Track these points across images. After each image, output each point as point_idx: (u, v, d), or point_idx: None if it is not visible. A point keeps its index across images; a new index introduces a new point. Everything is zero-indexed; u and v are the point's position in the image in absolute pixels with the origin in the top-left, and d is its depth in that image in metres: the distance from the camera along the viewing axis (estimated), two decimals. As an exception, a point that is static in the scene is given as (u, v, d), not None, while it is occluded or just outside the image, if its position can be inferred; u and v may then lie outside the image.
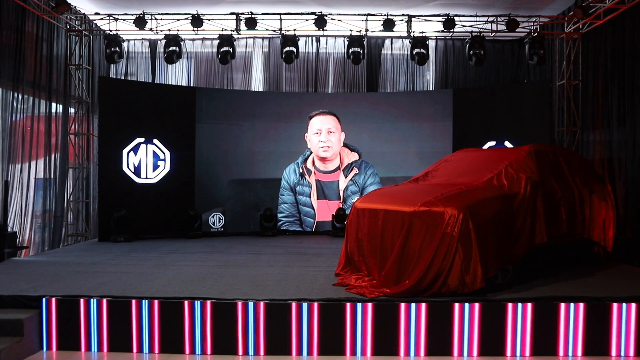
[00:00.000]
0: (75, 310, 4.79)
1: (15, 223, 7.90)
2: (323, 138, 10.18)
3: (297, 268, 6.44)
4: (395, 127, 10.36)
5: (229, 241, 9.16)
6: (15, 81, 7.99)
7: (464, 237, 4.89)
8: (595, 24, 8.84)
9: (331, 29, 9.70)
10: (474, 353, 4.70)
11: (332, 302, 4.77)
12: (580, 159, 7.02)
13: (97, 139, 9.81)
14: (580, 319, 4.72)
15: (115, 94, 9.42)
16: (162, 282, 5.52)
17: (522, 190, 5.55)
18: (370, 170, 10.25)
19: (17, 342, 4.52)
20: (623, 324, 4.73)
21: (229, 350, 4.71)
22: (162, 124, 9.70)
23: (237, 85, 11.22)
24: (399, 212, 5.38)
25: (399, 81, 11.35)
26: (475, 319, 4.69)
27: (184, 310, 4.75)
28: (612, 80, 8.24)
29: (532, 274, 5.88)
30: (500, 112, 9.99)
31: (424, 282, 4.89)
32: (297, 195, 10.25)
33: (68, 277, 5.81)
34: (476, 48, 9.44)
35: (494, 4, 9.35)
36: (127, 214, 8.99)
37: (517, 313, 4.71)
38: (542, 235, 5.62)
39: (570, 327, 4.72)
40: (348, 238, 6.15)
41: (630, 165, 7.61)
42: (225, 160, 10.20)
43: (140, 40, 11.18)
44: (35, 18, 8.61)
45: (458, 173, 6.29)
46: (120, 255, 7.46)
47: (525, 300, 4.77)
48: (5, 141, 7.81)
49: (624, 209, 7.71)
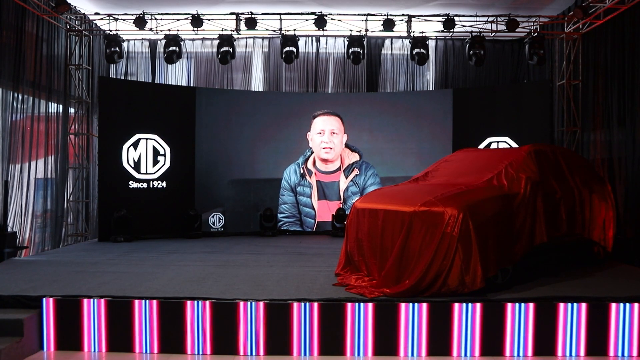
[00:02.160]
0: (75, 310, 4.79)
1: (15, 223, 7.89)
2: (326, 139, 10.18)
3: (297, 268, 6.44)
4: (395, 127, 10.35)
5: (229, 241, 9.16)
6: (15, 81, 7.99)
7: (464, 237, 4.89)
8: (595, 24, 8.84)
9: (331, 29, 9.70)
10: (474, 353, 4.70)
11: (332, 302, 4.77)
12: (580, 159, 7.02)
13: (97, 139, 9.81)
14: (580, 319, 4.72)
15: (115, 94, 9.42)
16: (162, 282, 5.52)
17: (522, 190, 5.55)
18: (370, 170, 10.25)
19: (17, 342, 4.52)
20: (623, 324, 4.73)
21: (229, 350, 4.72)
22: (162, 123, 9.69)
23: (237, 85, 11.22)
24: (399, 212, 5.38)
25: (399, 81, 11.35)
26: (476, 319, 4.69)
27: (184, 310, 4.75)
28: (612, 80, 8.24)
29: (532, 274, 5.88)
30: (500, 112, 9.99)
31: (424, 282, 4.89)
32: (298, 196, 10.25)
33: (68, 277, 5.81)
34: (476, 48, 9.44)
35: (494, 4, 9.35)
36: (127, 214, 8.99)
37: (517, 313, 4.71)
38: (542, 235, 5.61)
39: (570, 327, 4.72)
40: (348, 238, 6.15)
41: (630, 165, 7.61)
42: (225, 160, 10.20)
43: (140, 40, 11.18)
44: (35, 18, 8.60)
45: (458, 173, 6.29)
46: (120, 255, 7.46)
47: (525, 300, 4.77)
48: (5, 141, 7.81)
49: (624, 209, 7.71)
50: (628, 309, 4.74)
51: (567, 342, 4.72)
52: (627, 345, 4.74)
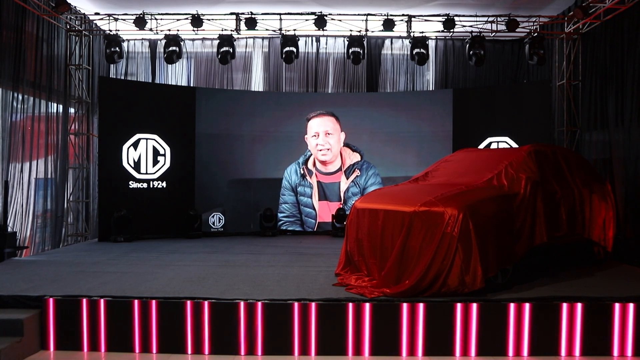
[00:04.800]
0: (75, 310, 4.79)
1: (15, 223, 7.90)
2: (321, 141, 10.14)
3: (297, 268, 6.44)
4: (395, 127, 10.35)
5: (229, 241, 9.16)
6: (15, 81, 7.99)
7: (464, 237, 4.89)
8: (595, 24, 8.84)
9: (331, 29, 9.69)
10: (474, 353, 4.70)
11: (332, 302, 4.77)
12: (580, 159, 7.01)
13: (97, 139, 9.81)
14: (580, 319, 4.72)
15: (115, 94, 9.42)
16: (162, 282, 5.52)
17: (522, 190, 5.56)
18: (371, 170, 10.24)
19: (17, 342, 4.52)
20: (623, 324, 4.73)
21: (229, 350, 4.72)
22: (162, 123, 9.70)
23: (237, 85, 11.21)
24: (399, 212, 5.38)
25: (399, 81, 11.34)
26: (476, 319, 4.69)
27: (184, 310, 4.75)
28: (611, 80, 8.23)
29: (532, 274, 5.88)
30: (500, 112, 9.99)
31: (424, 282, 4.89)
32: (299, 196, 10.24)
33: (68, 277, 5.81)
34: (476, 48, 9.44)
35: (494, 4, 9.35)
36: (127, 214, 8.99)
37: (517, 313, 4.71)
38: (542, 235, 5.62)
39: (570, 327, 4.72)
40: (348, 238, 6.15)
41: (630, 165, 7.61)
42: (225, 160, 10.19)
43: (140, 40, 11.17)
44: (35, 18, 8.60)
45: (458, 173, 6.29)
46: (120, 255, 7.46)
47: (525, 300, 4.77)
48: (5, 141, 7.81)
49: (624, 209, 7.70)
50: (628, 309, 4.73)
51: (567, 342, 4.72)
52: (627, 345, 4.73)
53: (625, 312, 4.73)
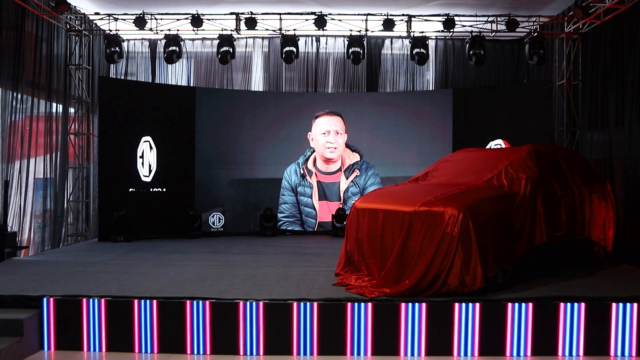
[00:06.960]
0: (75, 310, 4.79)
1: (15, 223, 7.89)
2: (331, 139, 10.17)
3: (297, 268, 6.44)
4: (395, 127, 10.35)
5: (229, 241, 9.16)
6: (15, 81, 7.99)
7: (464, 237, 4.89)
8: (595, 24, 8.84)
9: (331, 29, 9.70)
10: (474, 353, 4.70)
11: (332, 302, 4.77)
12: (580, 158, 7.01)
13: (97, 139, 9.81)
14: (580, 319, 4.72)
15: (115, 94, 9.42)
16: (162, 282, 5.51)
17: (522, 190, 5.56)
18: (371, 170, 10.24)
19: (17, 342, 4.52)
20: (623, 324, 4.73)
21: (229, 350, 4.71)
22: (162, 123, 9.70)
23: (237, 85, 11.21)
24: (398, 212, 5.38)
25: (399, 81, 11.34)
26: (476, 319, 4.69)
27: (184, 310, 4.75)
28: (611, 80, 8.23)
29: (532, 274, 5.88)
30: (500, 112, 9.99)
31: (424, 282, 4.89)
32: (299, 196, 10.25)
33: (68, 277, 5.81)
34: (476, 48, 9.44)
35: (494, 4, 9.35)
36: (127, 213, 8.99)
37: (517, 313, 4.71)
38: (542, 235, 5.62)
39: (570, 327, 4.72)
40: (348, 238, 6.14)
41: (630, 165, 7.61)
42: (225, 160, 10.19)
43: (140, 40, 11.17)
44: (35, 18, 8.60)
45: (458, 173, 6.29)
46: (120, 255, 7.46)
47: (525, 300, 4.77)
48: (5, 141, 7.81)
49: (624, 209, 7.70)
50: (628, 309, 4.73)
51: (567, 342, 4.72)
52: (627, 345, 4.73)
53: (625, 312, 4.73)
